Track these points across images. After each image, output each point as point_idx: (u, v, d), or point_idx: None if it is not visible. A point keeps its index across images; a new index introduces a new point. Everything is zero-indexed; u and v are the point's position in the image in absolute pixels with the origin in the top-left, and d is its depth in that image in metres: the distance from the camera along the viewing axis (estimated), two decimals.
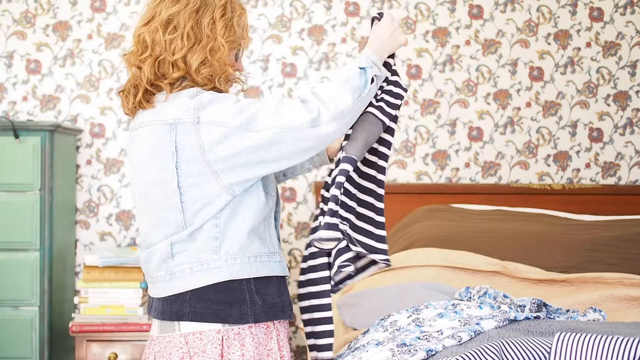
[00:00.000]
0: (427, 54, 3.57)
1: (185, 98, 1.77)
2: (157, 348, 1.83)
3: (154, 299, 1.87)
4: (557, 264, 2.86)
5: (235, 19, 1.85)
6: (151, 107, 1.81)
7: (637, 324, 2.10)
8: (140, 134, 1.83)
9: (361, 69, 1.82)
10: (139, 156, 1.83)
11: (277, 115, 1.74)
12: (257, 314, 1.79)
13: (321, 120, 1.73)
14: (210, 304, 1.78)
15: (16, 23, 3.52)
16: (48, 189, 3.14)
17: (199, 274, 1.78)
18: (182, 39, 1.79)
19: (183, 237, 1.79)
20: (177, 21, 1.80)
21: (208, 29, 1.81)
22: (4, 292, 3.10)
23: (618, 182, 3.59)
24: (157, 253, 1.83)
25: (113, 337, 3.12)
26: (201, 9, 1.81)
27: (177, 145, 1.75)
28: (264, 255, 1.83)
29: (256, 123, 1.73)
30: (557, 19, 3.57)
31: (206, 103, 1.75)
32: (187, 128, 1.74)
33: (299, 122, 1.73)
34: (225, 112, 1.74)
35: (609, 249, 2.91)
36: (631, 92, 3.58)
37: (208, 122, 1.73)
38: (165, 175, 1.78)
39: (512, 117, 3.57)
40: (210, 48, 1.80)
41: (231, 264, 1.78)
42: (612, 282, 2.65)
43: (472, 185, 3.53)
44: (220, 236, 1.79)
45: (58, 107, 3.52)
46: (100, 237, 3.54)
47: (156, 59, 1.80)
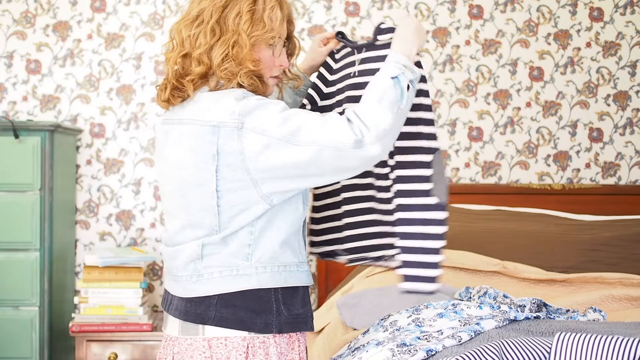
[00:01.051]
0: (427, 54, 3.57)
1: (232, 100, 1.72)
2: (177, 349, 1.79)
3: (174, 296, 1.82)
4: (557, 264, 2.86)
5: (267, 12, 1.77)
6: (176, 104, 1.78)
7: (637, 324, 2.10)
8: (179, 130, 1.78)
9: (393, 78, 1.75)
10: (175, 153, 1.78)
11: (321, 131, 1.67)
12: (281, 324, 1.76)
13: (365, 142, 1.67)
14: (236, 310, 1.73)
15: (16, 23, 3.52)
16: (48, 189, 3.14)
17: (228, 279, 1.74)
18: (206, 33, 1.75)
19: (215, 240, 1.75)
20: (204, 16, 1.76)
21: (234, 23, 1.75)
22: (4, 292, 3.10)
23: (618, 182, 3.59)
24: (185, 252, 1.78)
25: (113, 337, 3.12)
26: (231, 3, 1.76)
27: (218, 149, 1.70)
28: (293, 265, 1.79)
29: (299, 137, 1.67)
30: (557, 19, 3.57)
31: (251, 108, 1.70)
32: (230, 132, 1.69)
33: (342, 143, 1.67)
34: (269, 120, 1.69)
35: (609, 249, 2.91)
36: (631, 92, 3.58)
37: (251, 129, 1.68)
38: (204, 176, 1.73)
39: (512, 117, 3.58)
40: (234, 43, 1.74)
41: (261, 272, 1.75)
42: (612, 282, 2.65)
43: (472, 185, 3.53)
44: (254, 244, 1.75)
45: (58, 107, 3.52)
46: (100, 237, 3.54)
47: (183, 55, 1.77)
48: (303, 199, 1.81)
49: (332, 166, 1.69)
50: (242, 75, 1.75)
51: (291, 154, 1.68)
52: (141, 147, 3.53)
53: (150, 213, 3.53)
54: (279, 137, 1.67)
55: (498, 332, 1.92)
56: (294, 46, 1.92)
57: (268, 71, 1.83)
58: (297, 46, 1.92)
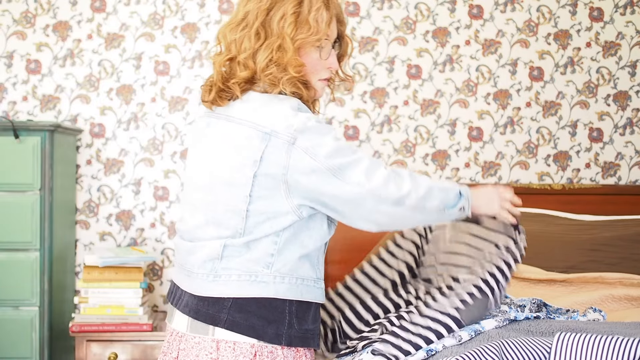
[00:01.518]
0: (427, 54, 3.57)
1: (287, 109, 1.70)
2: (183, 346, 1.77)
3: (184, 292, 1.79)
4: (557, 264, 2.86)
5: (312, 14, 1.72)
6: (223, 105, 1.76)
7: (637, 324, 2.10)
8: (224, 126, 1.75)
9: (461, 193, 1.79)
10: (214, 147, 1.76)
11: (369, 176, 1.68)
12: (291, 337, 1.74)
13: (406, 203, 1.69)
14: (249, 316, 1.71)
15: (16, 23, 3.52)
16: (48, 189, 3.14)
17: (245, 283, 1.72)
18: (250, 37, 1.72)
19: (238, 243, 1.72)
20: (248, 19, 1.73)
21: (278, 26, 1.71)
22: (4, 292, 3.10)
23: (618, 182, 3.59)
24: (205, 250, 1.75)
25: (113, 337, 3.12)
26: (276, 5, 1.72)
27: (263, 156, 1.68)
28: (311, 279, 1.78)
29: (346, 174, 1.67)
30: (557, 19, 3.57)
31: (308, 128, 1.68)
32: (280, 144, 1.67)
33: (385, 194, 1.68)
34: (323, 146, 1.68)
35: (609, 249, 2.91)
36: (631, 92, 3.58)
37: (303, 149, 1.67)
38: (239, 179, 1.70)
39: (512, 117, 3.57)
40: (278, 47, 1.71)
41: (279, 282, 1.73)
42: (612, 282, 2.65)
43: (472, 185, 3.53)
44: (277, 254, 1.73)
45: (58, 107, 3.52)
46: (100, 237, 3.54)
47: (228, 58, 1.75)
48: (331, 218, 1.80)
49: (366, 213, 1.70)
50: (285, 82, 1.72)
51: (335, 188, 1.68)
52: (141, 147, 3.53)
53: (150, 213, 3.53)
54: (328, 167, 1.67)
55: (498, 332, 1.92)
56: (345, 46, 1.88)
57: (315, 74, 1.80)
58: (350, 46, 1.88)
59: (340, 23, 1.84)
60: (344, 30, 1.86)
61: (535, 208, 3.34)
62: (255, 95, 1.75)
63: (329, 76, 1.84)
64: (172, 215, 3.54)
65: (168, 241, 3.54)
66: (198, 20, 3.54)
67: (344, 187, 1.67)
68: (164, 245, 3.54)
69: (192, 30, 3.54)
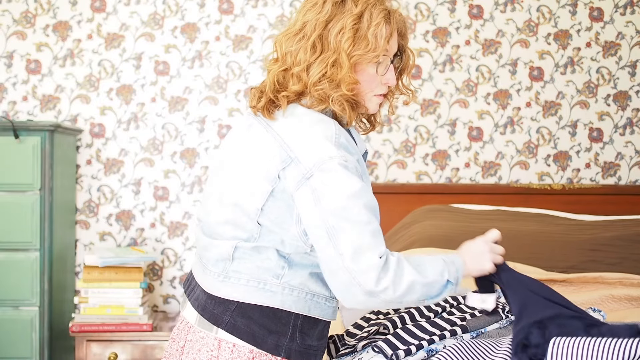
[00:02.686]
0: (427, 54, 3.57)
1: (320, 137, 1.64)
2: (191, 337, 1.77)
3: (198, 284, 1.78)
4: (557, 264, 2.86)
5: (371, 29, 1.66)
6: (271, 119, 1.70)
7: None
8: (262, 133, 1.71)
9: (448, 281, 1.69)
10: (245, 152, 1.73)
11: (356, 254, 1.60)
12: (291, 350, 1.72)
13: (379, 297, 1.61)
14: (251, 323, 1.70)
15: (16, 23, 3.52)
16: (48, 189, 3.14)
17: (253, 289, 1.70)
18: (307, 49, 1.66)
19: (250, 247, 1.71)
20: (306, 30, 1.67)
21: (335, 40, 1.65)
22: (4, 292, 3.10)
23: (618, 182, 3.59)
24: (218, 249, 1.73)
25: (113, 337, 3.12)
26: (335, 17, 1.66)
27: (279, 176, 1.65)
28: (322, 296, 1.75)
29: (337, 238, 1.60)
30: (557, 19, 3.58)
31: (328, 170, 1.61)
32: (296, 174, 1.63)
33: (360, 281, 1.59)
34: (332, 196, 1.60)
35: (609, 249, 2.91)
36: (631, 92, 3.58)
37: (312, 189, 1.62)
38: (257, 189, 1.68)
39: (512, 117, 3.57)
40: (333, 62, 1.65)
41: (288, 293, 1.70)
42: (612, 282, 2.65)
43: (472, 185, 3.53)
44: (287, 266, 1.71)
45: (58, 107, 3.52)
46: (100, 237, 3.54)
47: (282, 69, 1.70)
48: None
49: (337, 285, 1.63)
50: (335, 99, 1.67)
51: (319, 243, 1.63)
52: (141, 147, 3.53)
53: (150, 213, 3.53)
54: (324, 221, 1.61)
55: (499, 331, 1.92)
56: (407, 60, 1.82)
57: (370, 90, 1.75)
58: (412, 60, 1.82)
59: (401, 37, 1.78)
60: (406, 44, 1.81)
61: (535, 208, 3.34)
62: (298, 110, 1.70)
63: (385, 92, 1.79)
64: (172, 215, 3.54)
65: (168, 241, 3.54)
66: (198, 20, 3.54)
67: (327, 250, 1.61)
68: (164, 245, 3.54)
69: (192, 30, 3.54)
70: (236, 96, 3.54)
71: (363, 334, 2.04)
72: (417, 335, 1.88)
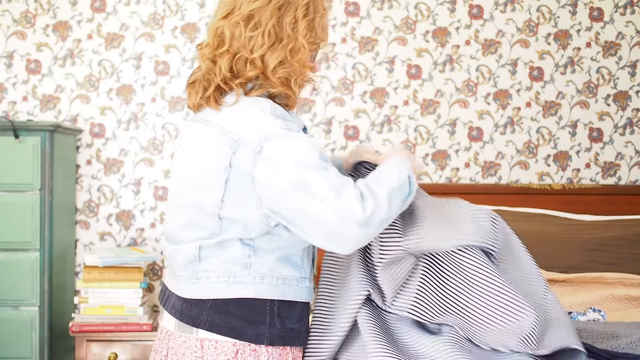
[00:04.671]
0: (427, 54, 3.57)
1: (257, 113, 1.69)
2: (172, 344, 1.79)
3: (172, 293, 1.82)
4: (557, 264, 2.86)
5: (317, 20, 1.76)
6: (217, 108, 1.73)
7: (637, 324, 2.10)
8: (202, 131, 1.75)
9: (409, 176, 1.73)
10: (191, 152, 1.76)
11: (335, 193, 1.62)
12: (273, 336, 1.74)
13: (371, 223, 1.64)
14: (229, 317, 1.73)
15: (16, 23, 3.52)
16: (48, 189, 3.14)
17: (224, 284, 1.73)
18: (263, 36, 1.70)
19: (213, 244, 1.73)
20: (258, 17, 1.72)
21: (289, 28, 1.73)
22: (4, 292, 3.10)
23: (618, 182, 3.59)
24: (184, 253, 1.77)
25: (113, 337, 3.12)
26: (284, 7, 1.73)
27: (231, 163, 1.68)
28: (293, 279, 1.77)
29: (310, 187, 1.63)
30: (557, 19, 3.57)
31: (274, 136, 1.66)
32: (246, 153, 1.67)
33: (350, 216, 1.62)
34: (287, 155, 1.65)
35: (609, 249, 2.91)
36: (631, 92, 3.58)
37: (267, 158, 1.65)
38: (212, 183, 1.71)
39: (512, 117, 3.57)
40: (291, 48, 1.72)
41: (259, 282, 1.73)
42: (612, 282, 2.65)
43: (472, 185, 3.53)
44: (253, 254, 1.73)
45: (58, 107, 3.52)
46: (100, 237, 3.54)
47: (234, 55, 1.73)
48: None
49: (329, 232, 1.64)
50: (294, 82, 1.74)
51: (297, 202, 1.64)
52: (141, 147, 3.53)
53: (150, 213, 3.53)
54: (291, 178, 1.63)
55: None
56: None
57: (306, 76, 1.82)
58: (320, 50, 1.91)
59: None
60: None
61: (535, 208, 3.34)
62: (230, 98, 1.74)
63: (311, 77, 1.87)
64: None
65: None
66: (198, 20, 3.54)
67: (306, 200, 1.63)
68: None
69: (192, 30, 3.54)
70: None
71: None
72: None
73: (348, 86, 3.55)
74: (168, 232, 1.85)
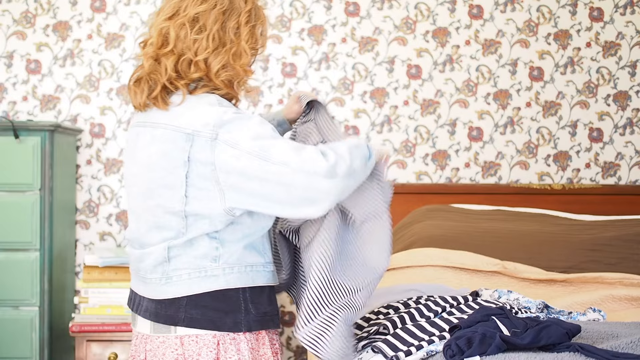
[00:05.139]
0: (427, 54, 3.57)
1: (206, 106, 1.74)
2: (150, 347, 1.83)
3: (143, 297, 1.85)
4: (557, 264, 2.86)
5: (257, 26, 1.84)
6: (164, 109, 1.77)
7: (637, 324, 2.10)
8: (151, 133, 1.79)
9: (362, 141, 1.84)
10: (146, 156, 1.79)
11: (296, 154, 1.69)
12: (250, 322, 1.80)
13: (337, 173, 1.70)
14: (206, 310, 1.78)
15: (16, 23, 3.52)
16: (48, 189, 3.14)
17: (196, 280, 1.78)
18: (208, 40, 1.76)
19: (181, 243, 1.78)
20: (203, 21, 1.77)
21: (232, 33, 1.79)
22: (4, 292, 3.10)
23: (618, 182, 3.59)
24: (152, 255, 1.81)
25: (113, 337, 3.12)
26: (228, 12, 1.79)
27: (190, 156, 1.72)
28: (259, 265, 1.83)
29: (271, 153, 1.69)
30: (557, 19, 3.58)
31: (227, 121, 1.72)
32: (203, 143, 1.71)
33: (315, 168, 1.68)
34: (243, 133, 1.71)
35: (609, 249, 2.91)
36: (631, 92, 3.58)
37: (224, 141, 1.70)
38: (174, 181, 1.75)
39: (512, 117, 3.58)
40: (234, 53, 1.79)
41: (229, 272, 1.78)
42: (612, 282, 2.65)
43: (472, 185, 3.53)
44: (220, 246, 1.78)
45: (58, 107, 3.52)
46: (100, 237, 3.54)
47: (179, 56, 1.77)
48: None
49: (300, 193, 1.69)
50: (237, 84, 1.82)
51: (261, 169, 1.69)
52: None
53: None
54: (251, 151, 1.69)
55: None
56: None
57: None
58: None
59: None
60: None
61: (535, 208, 3.34)
62: (176, 98, 1.79)
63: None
64: None
65: None
66: None
67: (270, 168, 1.68)
68: None
69: None
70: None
71: (363, 334, 2.04)
72: (416, 335, 1.88)
73: (348, 86, 3.55)
74: (131, 237, 1.89)
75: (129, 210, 1.90)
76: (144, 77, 1.80)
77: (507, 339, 1.75)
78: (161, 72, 1.78)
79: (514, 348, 1.77)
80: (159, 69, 1.78)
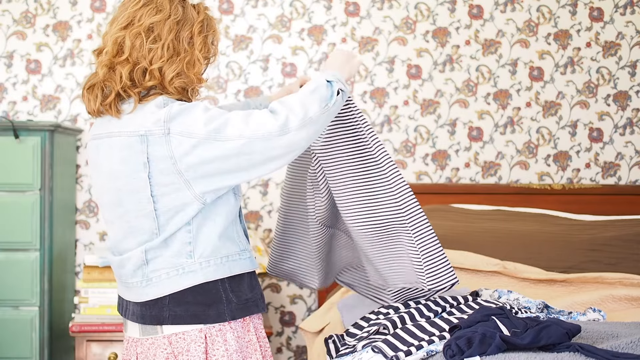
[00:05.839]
0: (427, 54, 3.57)
1: (153, 108, 1.80)
2: (140, 349, 1.88)
3: (129, 302, 1.91)
4: (557, 264, 2.86)
5: (209, 36, 1.90)
6: (117, 116, 1.82)
7: (637, 324, 2.10)
8: (108, 143, 1.85)
9: (328, 82, 1.88)
10: (109, 166, 1.85)
11: (246, 124, 1.76)
12: (233, 311, 1.85)
13: (290, 128, 1.77)
14: (189, 306, 1.83)
15: (16, 23, 3.52)
16: (48, 189, 3.14)
17: (175, 278, 1.83)
18: (163, 49, 1.82)
19: (157, 244, 1.83)
20: (158, 31, 1.83)
21: (186, 42, 1.85)
22: (4, 292, 3.10)
23: (618, 182, 3.59)
24: (131, 260, 1.86)
25: (113, 337, 3.12)
26: (181, 22, 1.85)
27: (149, 157, 1.78)
28: (235, 254, 1.88)
29: (225, 132, 1.76)
30: (557, 19, 3.58)
31: (175, 114, 1.77)
32: (157, 140, 1.77)
33: (268, 131, 1.75)
34: (194, 122, 1.77)
35: (609, 249, 2.91)
36: (631, 92, 3.58)
37: (178, 133, 1.76)
38: (138, 184, 1.80)
39: (512, 117, 3.58)
40: (187, 61, 1.85)
41: (205, 266, 1.83)
42: (612, 282, 2.65)
43: (472, 185, 3.53)
44: (194, 241, 1.83)
45: (58, 107, 3.52)
46: (100, 237, 3.54)
47: (134, 65, 1.82)
48: (234, 189, 1.90)
49: (261, 157, 1.77)
50: (191, 91, 1.87)
51: (220, 149, 1.75)
52: None
53: None
54: (206, 136, 1.75)
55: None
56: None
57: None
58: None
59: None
60: None
61: (535, 208, 3.34)
62: (127, 106, 1.84)
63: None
64: None
65: None
66: None
67: (228, 144, 1.75)
68: None
69: None
70: (236, 96, 3.55)
71: (363, 334, 2.04)
72: (417, 335, 1.88)
73: (348, 86, 3.55)
74: (110, 245, 1.94)
75: (104, 220, 1.95)
76: (97, 83, 1.85)
77: (507, 339, 1.75)
78: (116, 80, 1.82)
79: (514, 348, 1.77)
80: (114, 77, 1.83)
